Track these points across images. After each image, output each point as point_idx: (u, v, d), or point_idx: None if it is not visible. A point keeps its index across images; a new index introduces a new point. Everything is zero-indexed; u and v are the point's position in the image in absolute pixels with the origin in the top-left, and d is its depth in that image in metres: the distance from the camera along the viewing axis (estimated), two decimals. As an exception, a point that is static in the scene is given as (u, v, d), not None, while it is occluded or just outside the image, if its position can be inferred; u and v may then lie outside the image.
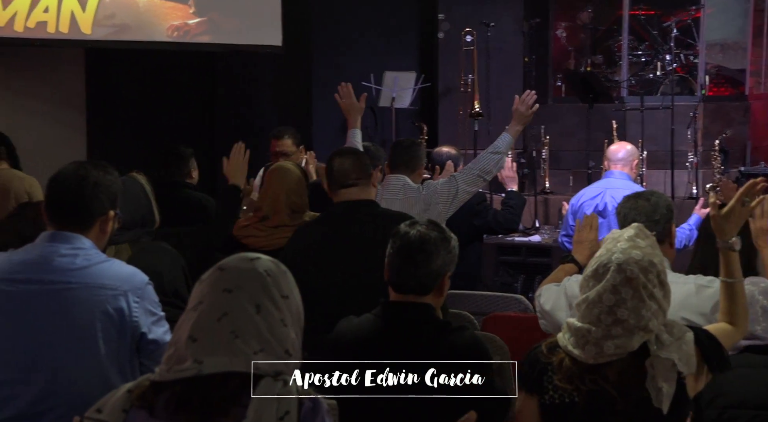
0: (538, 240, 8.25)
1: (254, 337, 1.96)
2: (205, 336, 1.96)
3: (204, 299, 2.01)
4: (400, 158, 5.09)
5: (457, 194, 4.94)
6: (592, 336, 2.49)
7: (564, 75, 11.07)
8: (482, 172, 5.01)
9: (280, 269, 2.07)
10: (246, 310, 1.98)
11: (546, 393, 2.55)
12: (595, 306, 2.51)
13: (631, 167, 6.16)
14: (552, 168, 9.67)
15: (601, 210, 5.91)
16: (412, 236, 3.01)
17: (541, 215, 9.21)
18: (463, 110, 9.69)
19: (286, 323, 2.01)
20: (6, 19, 8.23)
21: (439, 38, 10.20)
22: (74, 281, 2.81)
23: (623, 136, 8.89)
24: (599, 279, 2.53)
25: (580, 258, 3.68)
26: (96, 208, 2.91)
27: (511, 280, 7.91)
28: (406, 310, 3.00)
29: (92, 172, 2.93)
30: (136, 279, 2.88)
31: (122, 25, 8.57)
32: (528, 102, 5.12)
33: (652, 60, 11.09)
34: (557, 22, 11.51)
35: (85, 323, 2.78)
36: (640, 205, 3.50)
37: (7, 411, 2.77)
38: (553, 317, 3.46)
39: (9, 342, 2.78)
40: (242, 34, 8.86)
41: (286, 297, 2.04)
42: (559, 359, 2.54)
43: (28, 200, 5.91)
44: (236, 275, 2.02)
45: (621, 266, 2.49)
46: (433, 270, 3.00)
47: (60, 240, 2.86)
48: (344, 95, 5.35)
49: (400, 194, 4.91)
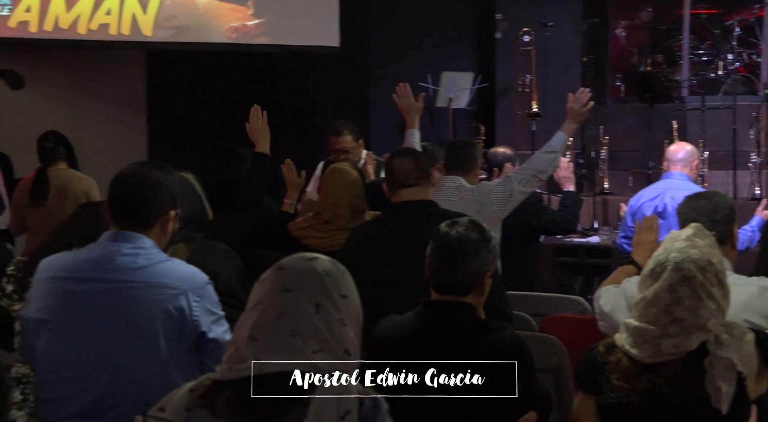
0: (597, 241, 8.19)
1: (313, 337, 1.97)
2: (265, 335, 1.97)
3: (263, 299, 2.02)
4: (455, 159, 5.07)
5: (512, 195, 4.90)
6: (650, 334, 2.48)
7: (623, 75, 10.97)
8: (537, 172, 4.97)
9: (338, 269, 2.08)
10: (305, 310, 1.99)
11: (603, 393, 2.54)
12: (653, 305, 2.49)
13: (691, 168, 6.08)
14: (611, 169, 9.58)
15: (660, 211, 5.85)
16: (451, 236, 3.01)
17: (600, 216, 9.13)
18: (520, 110, 9.65)
19: (345, 323, 2.02)
20: (70, 22, 8.37)
21: (497, 38, 10.16)
22: (136, 281, 2.83)
23: (684, 136, 8.78)
24: (656, 278, 2.51)
25: (639, 260, 3.64)
26: (156, 208, 2.93)
27: (569, 281, 7.86)
28: (445, 309, 3.01)
29: (153, 172, 2.95)
30: (196, 279, 2.90)
31: (182, 27, 8.68)
32: (582, 100, 5.07)
33: (713, 59, 10.93)
34: (616, 22, 11.40)
35: (146, 322, 2.81)
36: (701, 205, 3.46)
37: (70, 408, 2.81)
38: (613, 318, 3.43)
39: (72, 339, 2.82)
40: (300, 35, 8.91)
41: (344, 297, 2.05)
42: (617, 358, 2.53)
43: (87, 200, 6.00)
44: (295, 274, 2.03)
45: (678, 264, 2.48)
46: (471, 271, 3.00)
47: (122, 240, 2.89)
48: (402, 95, 5.34)
49: (454, 195, 4.88)
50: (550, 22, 9.65)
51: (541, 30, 9.63)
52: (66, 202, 6.06)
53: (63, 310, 2.84)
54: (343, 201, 4.77)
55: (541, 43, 9.67)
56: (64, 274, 2.87)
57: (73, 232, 3.76)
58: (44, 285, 2.89)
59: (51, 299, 2.86)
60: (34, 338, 2.88)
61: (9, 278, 3.90)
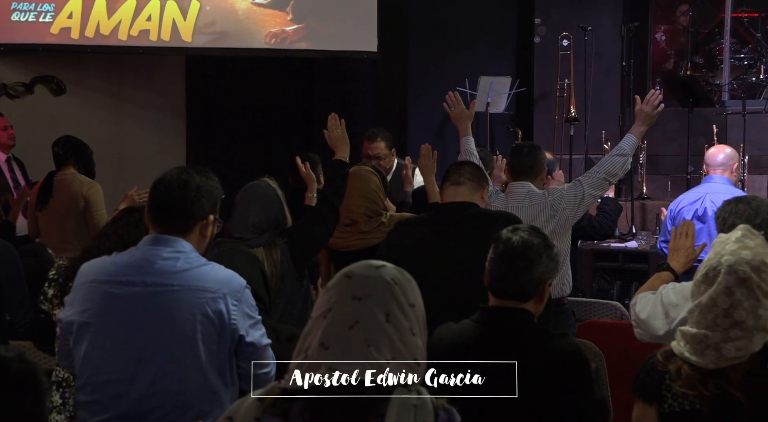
0: (635, 246, 8.14)
1: (386, 346, 1.94)
2: (338, 343, 1.94)
3: (333, 307, 1.98)
4: (523, 164, 4.93)
5: (583, 199, 4.84)
6: (710, 340, 2.44)
7: (663, 79, 10.89)
8: (608, 175, 4.90)
9: (405, 277, 2.05)
10: (377, 318, 1.96)
11: (665, 402, 2.50)
12: (710, 311, 2.45)
13: (731, 171, 6.01)
14: (650, 173, 9.52)
15: (700, 215, 5.79)
16: (514, 242, 2.98)
17: (638, 220, 9.07)
18: (558, 115, 9.62)
19: (414, 332, 1.99)
20: (111, 28, 8.46)
21: (536, 43, 10.13)
22: (176, 284, 2.85)
23: (724, 140, 8.70)
24: (710, 283, 2.47)
25: (675, 266, 3.62)
26: (197, 212, 2.94)
27: (607, 286, 7.82)
28: (506, 316, 2.99)
29: (194, 177, 2.96)
30: (234, 283, 2.91)
31: (222, 33, 8.74)
32: (654, 102, 4.99)
33: (755, 63, 10.83)
34: (657, 26, 11.32)
35: (186, 325, 2.83)
36: (740, 209, 3.43)
37: (111, 410, 2.84)
38: (649, 326, 3.41)
39: (114, 343, 2.84)
40: (338, 40, 8.95)
41: (412, 306, 2.02)
42: (677, 367, 2.49)
43: (84, 204, 6.10)
44: (364, 282, 2.00)
45: (732, 267, 2.44)
46: (534, 277, 2.98)
47: (162, 243, 2.91)
48: (453, 104, 5.26)
49: (525, 201, 4.82)
50: (590, 27, 9.60)
51: (580, 34, 9.58)
52: (66, 205, 6.18)
53: (104, 313, 2.87)
54: (359, 209, 4.87)
55: (580, 48, 9.62)
56: (104, 278, 2.90)
57: (115, 237, 3.81)
58: (84, 289, 2.92)
59: (91, 303, 2.88)
60: (75, 341, 2.91)
61: (50, 282, 3.95)
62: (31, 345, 4.13)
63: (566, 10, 10.01)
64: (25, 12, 8.34)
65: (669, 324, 3.35)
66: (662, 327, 3.37)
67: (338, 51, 9.04)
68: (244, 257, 3.62)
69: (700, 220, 5.75)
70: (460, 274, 3.74)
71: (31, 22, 8.36)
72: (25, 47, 8.46)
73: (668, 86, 10.26)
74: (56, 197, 6.23)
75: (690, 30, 11.33)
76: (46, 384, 1.95)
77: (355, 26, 8.94)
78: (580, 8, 10.01)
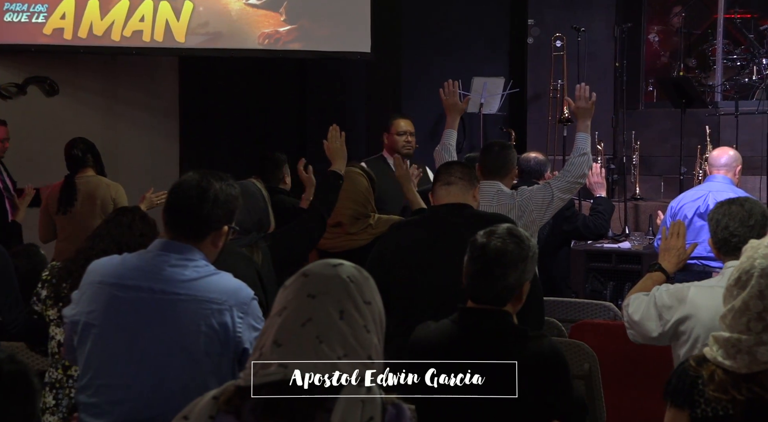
0: (628, 247, 8.15)
1: (339, 343, 1.97)
2: (290, 341, 1.98)
3: (288, 305, 2.02)
4: (493, 163, 4.95)
5: (552, 201, 4.87)
6: (744, 344, 2.43)
7: (656, 80, 10.91)
8: (577, 177, 4.93)
9: (362, 275, 2.08)
10: (330, 316, 1.99)
11: (698, 407, 2.49)
12: (743, 315, 2.45)
13: (734, 173, 6.04)
14: (643, 174, 9.54)
15: (702, 212, 5.81)
16: (489, 249, 2.98)
17: (631, 221, 9.09)
18: (552, 116, 9.63)
19: (369, 329, 2.02)
20: (104, 29, 8.45)
21: (529, 44, 10.14)
22: (182, 293, 2.82)
23: (717, 141, 8.72)
24: (743, 287, 2.46)
25: (667, 266, 3.62)
26: (212, 222, 2.91)
27: (600, 287, 7.83)
28: (483, 318, 2.99)
29: (214, 184, 2.91)
30: (241, 294, 2.87)
31: (215, 34, 8.74)
32: (585, 96, 5.05)
33: (747, 64, 10.85)
34: (650, 27, 11.34)
35: (189, 335, 2.79)
36: (734, 210, 3.44)
37: (112, 415, 2.81)
38: (643, 327, 3.41)
39: (117, 347, 2.82)
40: (332, 41, 8.95)
41: (368, 303, 2.05)
42: (710, 371, 2.48)
43: (114, 206, 6.08)
44: (320, 280, 2.03)
45: (765, 270, 2.43)
46: (510, 284, 2.98)
47: (172, 250, 2.87)
48: (449, 94, 5.30)
49: (494, 201, 4.84)
50: (583, 28, 9.61)
51: (573, 35, 9.60)
52: (94, 208, 6.14)
53: (108, 316, 2.84)
54: (347, 211, 4.88)
55: (574, 49, 9.64)
56: (111, 280, 2.86)
57: (108, 238, 3.81)
58: (92, 289, 2.89)
59: (97, 305, 2.85)
60: (79, 341, 2.88)
61: (44, 283, 3.94)
62: (24, 346, 4.12)
63: (559, 11, 10.03)
64: (18, 12, 8.32)
65: (662, 325, 3.36)
66: (656, 329, 3.38)
67: (331, 52, 9.04)
68: (239, 258, 3.61)
69: (702, 217, 5.78)
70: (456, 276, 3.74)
71: (24, 22, 8.34)
72: (17, 48, 8.44)
73: (661, 87, 10.29)
74: (82, 200, 6.17)
75: (683, 31, 11.34)
76: (37, 385, 1.95)
77: (349, 27, 8.95)
78: (573, 9, 10.03)
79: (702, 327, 3.23)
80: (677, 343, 3.35)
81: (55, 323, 3.84)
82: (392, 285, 3.81)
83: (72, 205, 6.15)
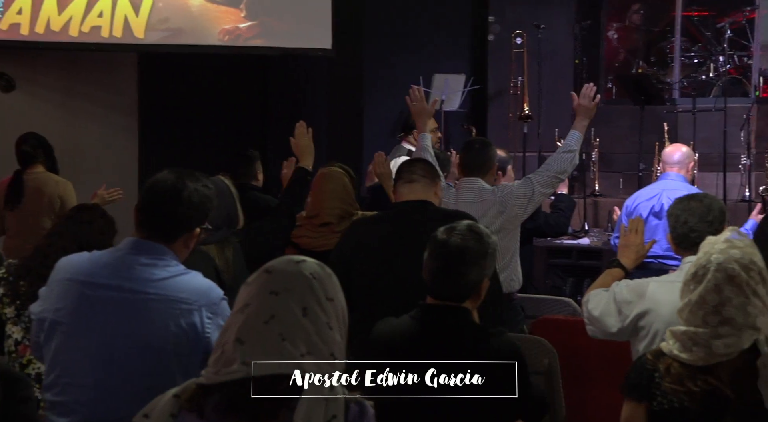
0: (587, 243, 8.21)
1: (302, 340, 1.97)
2: (253, 338, 1.97)
3: (251, 302, 2.01)
4: (474, 160, 4.99)
5: (533, 196, 4.89)
6: (700, 337, 2.47)
7: (615, 77, 10.99)
8: (558, 172, 4.96)
9: (325, 272, 2.08)
10: (293, 313, 1.99)
11: (655, 400, 2.53)
12: (700, 308, 2.48)
13: (687, 170, 6.09)
14: (602, 171, 9.60)
15: (657, 211, 5.86)
16: (449, 246, 3.00)
17: (591, 217, 9.15)
18: (512, 113, 9.67)
19: (331, 326, 2.02)
20: (61, 24, 8.36)
21: (490, 41, 10.17)
22: (152, 292, 2.80)
23: (675, 138, 8.80)
24: (699, 282, 2.50)
25: (626, 262, 3.65)
26: (186, 224, 2.89)
27: (560, 283, 7.88)
28: (443, 314, 3.01)
29: (189, 185, 2.89)
30: (211, 294, 2.86)
31: (175, 30, 8.67)
32: (590, 95, 5.06)
33: (705, 62, 10.96)
34: (609, 24, 11.42)
35: (158, 335, 2.77)
36: (693, 206, 3.47)
37: (78, 414, 2.78)
38: (602, 323, 3.44)
39: (84, 346, 2.79)
40: (293, 38, 8.91)
41: (331, 300, 2.04)
42: (667, 365, 2.52)
43: (60, 203, 6.02)
44: (283, 277, 2.03)
45: (721, 265, 2.48)
46: (470, 281, 3.00)
47: (143, 249, 2.86)
48: (415, 99, 5.29)
49: (475, 197, 4.86)
50: (543, 25, 9.66)
51: (533, 32, 9.64)
52: (41, 205, 6.09)
53: (76, 315, 2.81)
54: (335, 211, 4.86)
55: (534, 46, 9.68)
56: (81, 278, 2.83)
57: (68, 235, 3.77)
58: (60, 286, 2.86)
59: (66, 302, 2.82)
60: (46, 338, 2.85)
61: (0, 281, 3.90)
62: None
63: (520, 8, 10.06)
64: (-26, 8, 8.23)
65: (622, 321, 3.38)
66: (615, 325, 3.40)
67: (292, 48, 9.00)
68: (196, 255, 3.59)
69: (657, 216, 5.83)
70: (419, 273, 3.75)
71: (-20, 18, 8.24)
72: (-27, 43, 8.34)
73: (620, 84, 10.38)
74: (29, 196, 6.11)
75: (642, 28, 11.46)
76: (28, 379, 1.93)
77: (310, 24, 8.91)
78: (533, 6, 10.07)
79: (661, 321, 3.26)
80: (636, 338, 3.38)
81: (12, 321, 3.79)
82: (355, 282, 3.82)
83: (19, 201, 6.11)
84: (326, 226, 4.95)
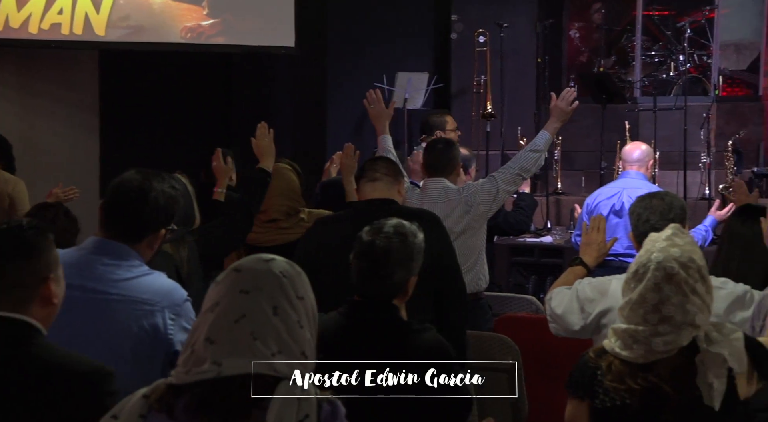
0: (550, 241, 8.25)
1: (273, 339, 1.96)
2: (223, 337, 1.96)
3: (221, 301, 2.00)
4: (438, 160, 4.97)
5: (498, 194, 4.90)
6: (640, 335, 2.49)
7: (577, 76, 11.06)
8: (522, 170, 4.97)
9: (295, 270, 2.07)
10: (264, 311, 1.98)
11: (597, 398, 2.54)
12: (640, 307, 2.51)
13: (647, 168, 6.14)
14: (564, 169, 9.65)
15: (618, 210, 5.90)
16: (375, 248, 3.00)
17: (553, 216, 9.20)
18: (475, 111, 9.69)
19: (302, 324, 2.01)
20: (20, 21, 8.27)
21: (452, 39, 10.20)
22: (115, 293, 2.78)
23: (636, 136, 8.86)
24: (640, 280, 2.53)
25: (588, 260, 3.67)
26: (150, 225, 2.87)
27: (523, 281, 7.92)
28: (369, 310, 3.02)
29: (155, 186, 2.87)
30: (174, 296, 2.84)
31: (136, 27, 8.61)
32: (569, 99, 5.07)
33: (665, 60, 11.06)
34: (571, 23, 11.49)
35: (120, 335, 2.75)
36: (654, 204, 3.50)
37: None
38: (565, 321, 3.45)
39: None
40: (256, 36, 8.88)
41: (301, 298, 2.03)
42: (608, 362, 2.54)
43: (10, 202, 5.96)
44: (253, 276, 2.01)
45: (660, 263, 2.50)
46: (396, 282, 3.00)
47: (106, 249, 2.83)
48: (373, 102, 5.26)
49: (440, 197, 4.86)
50: (506, 24, 9.69)
51: (496, 31, 9.67)
52: None
53: None
54: (281, 208, 4.89)
55: (497, 44, 9.70)
56: None
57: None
58: None
59: None
60: None
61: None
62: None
63: (482, 7, 10.09)
64: (-69, 4, 8.11)
65: (585, 318, 3.40)
66: (578, 322, 3.42)
67: (255, 46, 8.97)
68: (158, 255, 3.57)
69: (617, 215, 5.86)
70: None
71: (-63, 14, 8.13)
72: (-70, 40, 8.23)
73: (582, 83, 10.43)
74: None
75: (603, 27, 11.53)
76: None
77: (273, 21, 8.89)
78: (496, 5, 10.10)
79: (623, 319, 3.28)
80: (599, 336, 3.39)
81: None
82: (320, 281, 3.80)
83: None
84: (273, 222, 4.98)
